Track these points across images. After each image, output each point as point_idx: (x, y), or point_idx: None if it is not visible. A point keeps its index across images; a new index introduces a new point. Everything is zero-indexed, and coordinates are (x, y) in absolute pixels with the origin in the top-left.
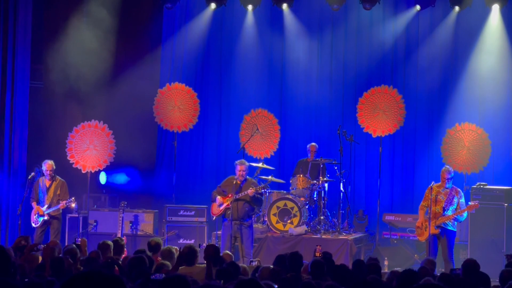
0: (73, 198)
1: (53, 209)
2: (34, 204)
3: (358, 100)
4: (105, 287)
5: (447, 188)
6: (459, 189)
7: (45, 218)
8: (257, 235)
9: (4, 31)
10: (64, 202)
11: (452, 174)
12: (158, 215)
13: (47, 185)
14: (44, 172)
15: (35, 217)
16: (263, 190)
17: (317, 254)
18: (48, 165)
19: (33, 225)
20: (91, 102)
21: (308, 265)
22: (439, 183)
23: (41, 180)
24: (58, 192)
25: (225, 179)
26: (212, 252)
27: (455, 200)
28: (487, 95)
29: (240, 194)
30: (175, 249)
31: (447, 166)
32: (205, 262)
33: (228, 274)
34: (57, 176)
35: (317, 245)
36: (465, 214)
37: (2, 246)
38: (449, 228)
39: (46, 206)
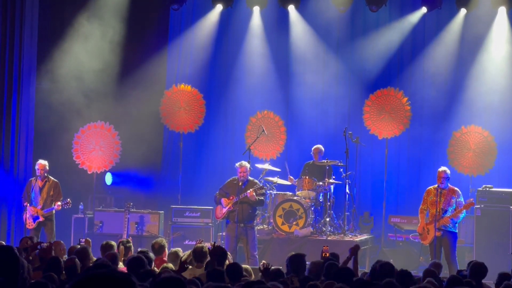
0: (68, 199)
1: (48, 210)
2: (27, 204)
3: (364, 102)
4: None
5: (444, 189)
6: (456, 189)
7: (40, 219)
8: (263, 237)
9: (11, 32)
10: (60, 203)
11: (449, 174)
12: (163, 216)
13: (40, 186)
14: (36, 172)
15: (29, 219)
16: (265, 191)
17: (325, 255)
18: (40, 165)
19: (27, 226)
20: (97, 103)
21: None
22: (436, 185)
23: (33, 180)
24: (51, 192)
25: (227, 181)
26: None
27: (453, 200)
28: (493, 98)
29: (241, 196)
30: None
31: (443, 167)
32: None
33: (231, 275)
34: (50, 177)
35: (323, 246)
36: (461, 216)
37: (11, 247)
38: (450, 229)
39: (39, 207)
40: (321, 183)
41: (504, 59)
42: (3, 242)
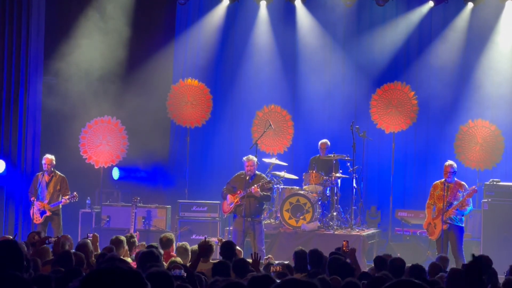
0: (75, 193)
1: (55, 205)
2: (33, 199)
3: (371, 96)
4: (125, 283)
5: (450, 183)
6: (462, 183)
7: (47, 214)
8: (270, 231)
9: (18, 26)
10: (67, 197)
11: (455, 168)
12: (171, 211)
13: (47, 180)
14: (43, 166)
15: (36, 213)
16: (272, 186)
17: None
18: (47, 159)
19: (35, 221)
20: (104, 97)
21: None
22: (442, 179)
23: (40, 175)
24: (58, 187)
25: (234, 175)
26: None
27: (460, 194)
28: (500, 92)
29: (247, 190)
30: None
31: (450, 161)
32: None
33: (240, 270)
34: (57, 171)
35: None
36: (468, 208)
37: (14, 241)
38: (457, 223)
39: (46, 202)
40: (328, 177)
41: (511, 53)
42: (10, 237)
